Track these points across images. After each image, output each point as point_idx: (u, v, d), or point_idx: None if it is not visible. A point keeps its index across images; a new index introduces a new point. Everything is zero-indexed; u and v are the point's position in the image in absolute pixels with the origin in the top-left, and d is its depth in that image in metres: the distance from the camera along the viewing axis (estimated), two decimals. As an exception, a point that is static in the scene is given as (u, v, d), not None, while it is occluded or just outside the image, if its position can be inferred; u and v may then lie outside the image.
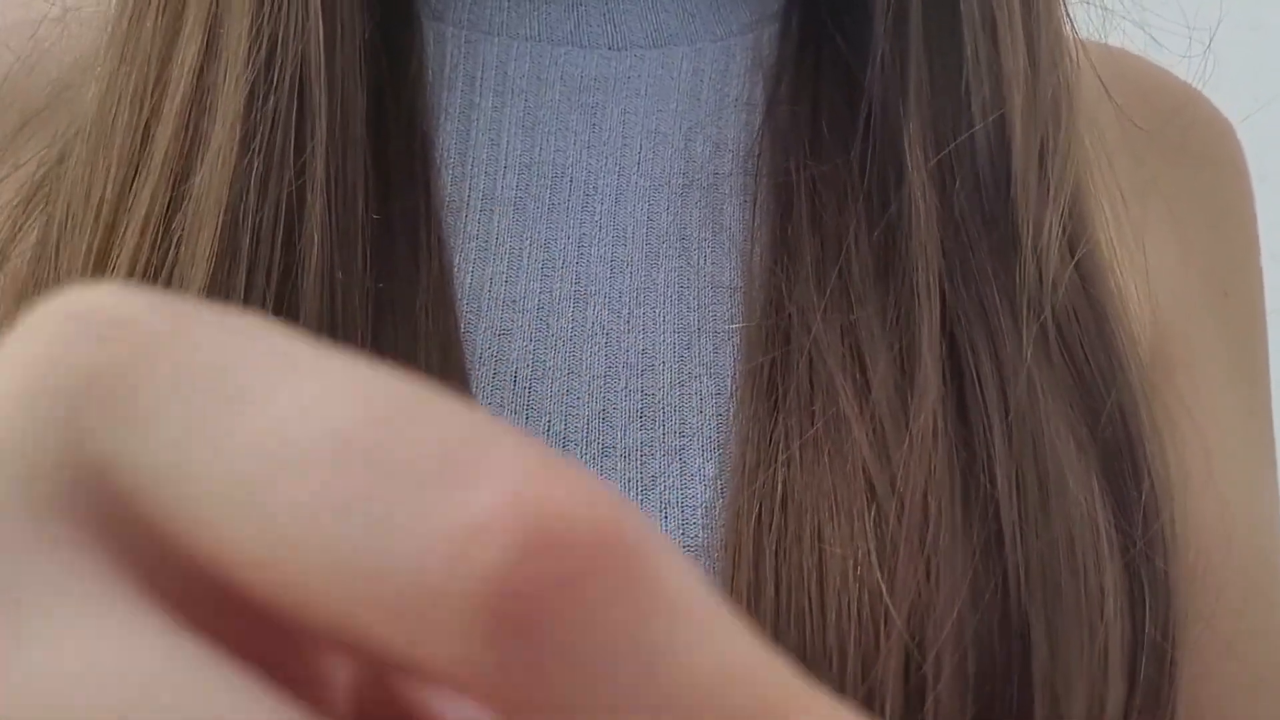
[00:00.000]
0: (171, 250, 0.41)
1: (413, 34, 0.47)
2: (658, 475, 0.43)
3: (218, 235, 0.40)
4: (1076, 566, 0.41)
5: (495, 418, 0.14)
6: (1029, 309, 0.44)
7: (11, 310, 0.44)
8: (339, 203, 0.41)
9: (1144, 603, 0.43)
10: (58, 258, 0.43)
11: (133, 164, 0.42)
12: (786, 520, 0.41)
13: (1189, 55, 0.49)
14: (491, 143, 0.46)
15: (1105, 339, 0.45)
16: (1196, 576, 0.47)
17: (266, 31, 0.41)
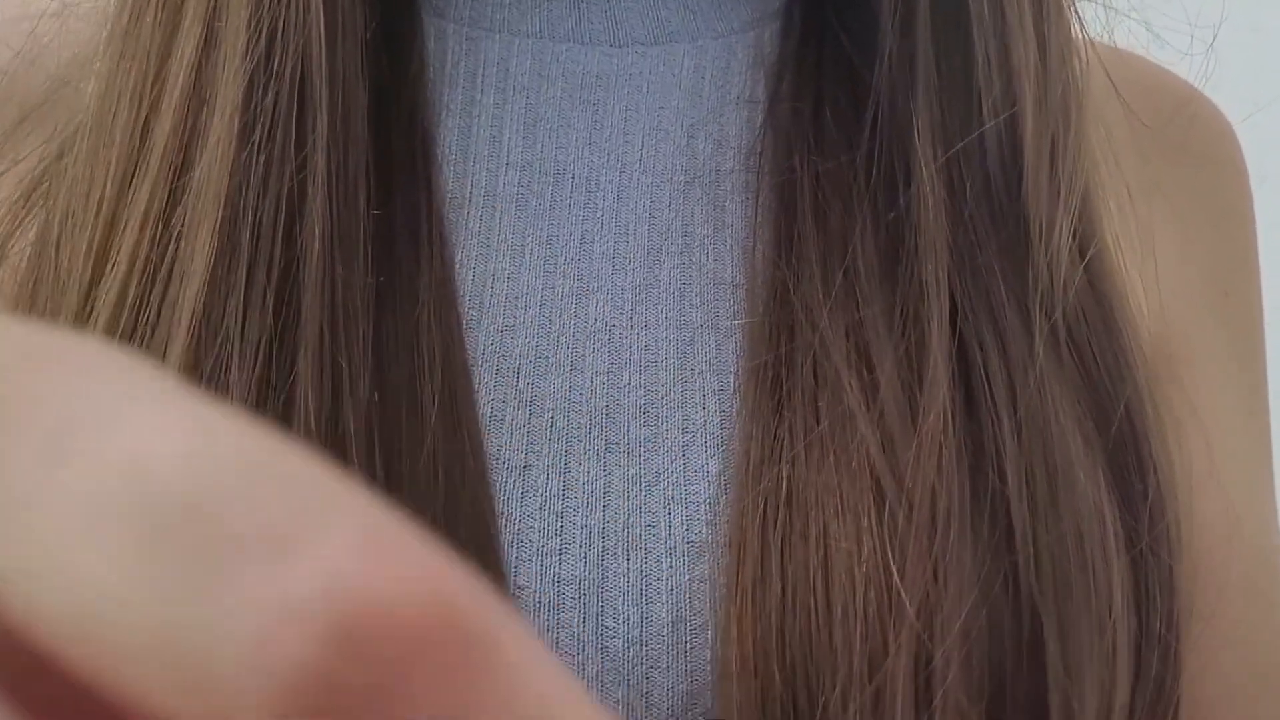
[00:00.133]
0: (171, 245, 0.40)
1: (414, 31, 0.47)
2: (661, 472, 0.43)
3: (217, 230, 0.40)
4: (1085, 562, 0.41)
5: (344, 481, 0.13)
6: (1040, 309, 0.43)
7: (10, 307, 0.43)
8: (340, 198, 0.41)
9: (1150, 597, 0.43)
10: (58, 254, 0.42)
11: (132, 159, 0.42)
12: (791, 517, 0.41)
13: (1190, 53, 0.49)
14: (493, 139, 0.46)
15: (1113, 337, 0.45)
16: (1199, 573, 0.47)
17: (266, 23, 0.40)
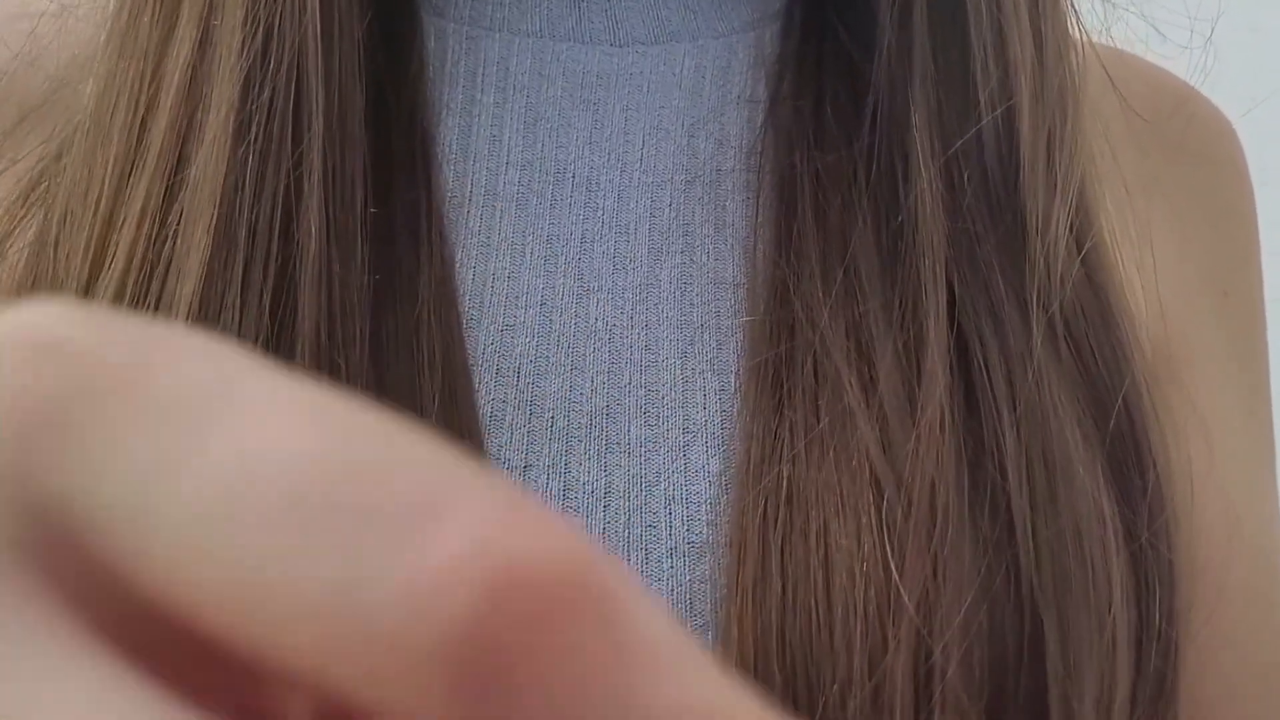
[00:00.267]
0: (168, 243, 0.40)
1: (414, 30, 0.47)
2: (661, 471, 0.43)
3: (213, 227, 0.40)
4: (1085, 556, 0.41)
5: (463, 456, 0.13)
6: (1038, 302, 0.43)
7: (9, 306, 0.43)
8: (337, 196, 0.41)
9: (1150, 592, 0.42)
10: (56, 253, 0.42)
11: (129, 158, 0.41)
12: (792, 516, 0.41)
13: (1190, 47, 0.49)
14: (493, 139, 0.46)
15: (1111, 332, 0.45)
16: (1199, 569, 0.47)
17: (261, 21, 0.40)
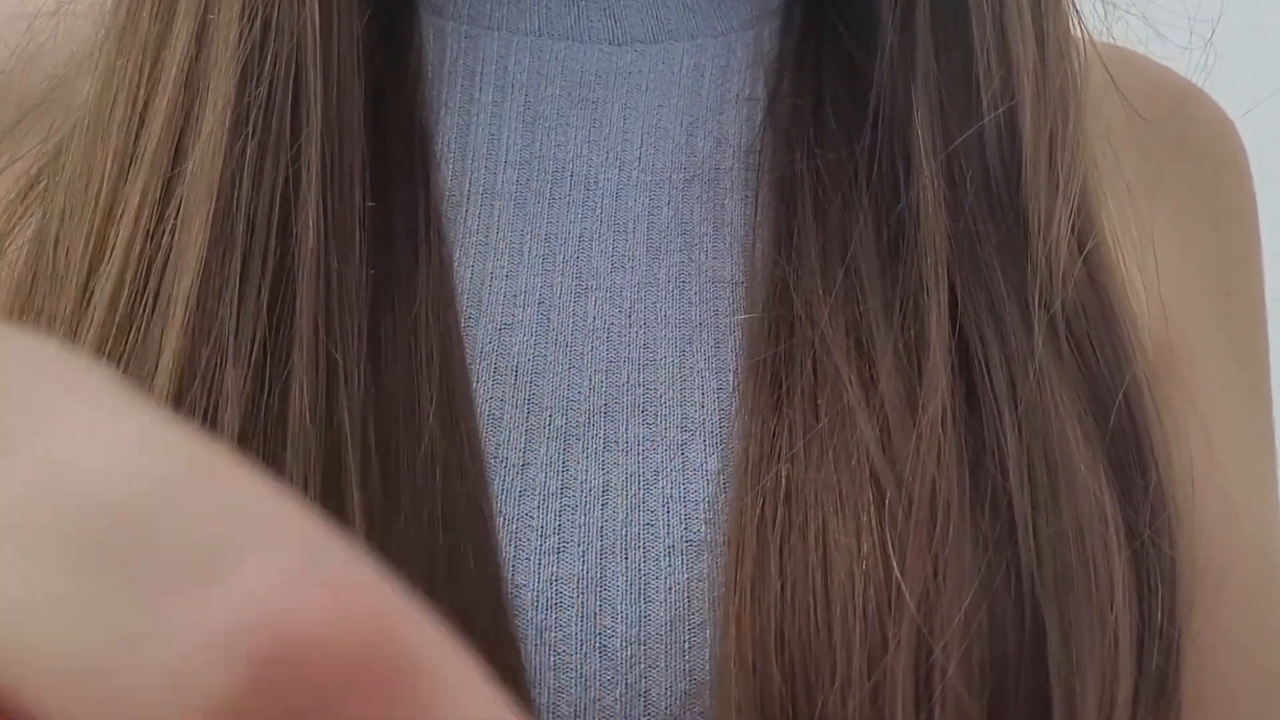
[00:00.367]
0: (165, 237, 0.40)
1: (412, 29, 0.47)
2: (660, 470, 0.43)
3: (210, 222, 0.40)
4: (1086, 555, 0.41)
5: (284, 499, 0.12)
6: (1039, 302, 0.43)
7: (8, 304, 0.43)
8: (335, 191, 0.41)
9: (1152, 590, 0.42)
10: (55, 249, 0.42)
11: (128, 153, 0.41)
12: (790, 515, 0.41)
13: (1190, 47, 0.49)
14: (491, 137, 0.46)
15: (1112, 332, 0.45)
16: (1199, 569, 0.47)
17: (259, 13, 0.40)
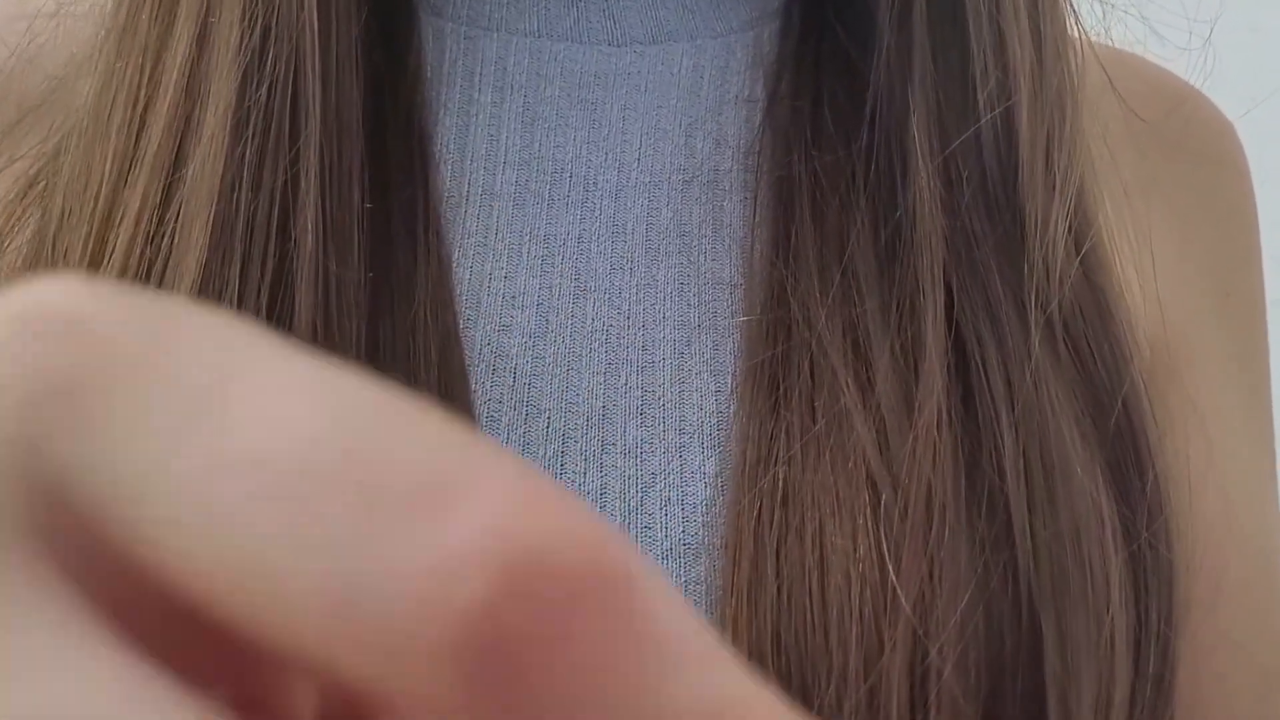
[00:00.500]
0: (165, 240, 0.40)
1: (411, 30, 0.47)
2: (657, 473, 0.43)
3: (210, 225, 0.40)
4: (1083, 557, 0.41)
5: (481, 437, 0.13)
6: (1036, 303, 0.43)
7: None
8: (333, 193, 0.41)
9: (1148, 592, 0.42)
10: (54, 250, 0.42)
11: (128, 155, 0.42)
12: (787, 518, 0.41)
13: (1189, 48, 0.49)
14: (490, 138, 0.46)
15: (1109, 332, 0.45)
16: (1196, 569, 0.47)
17: (260, 17, 0.40)
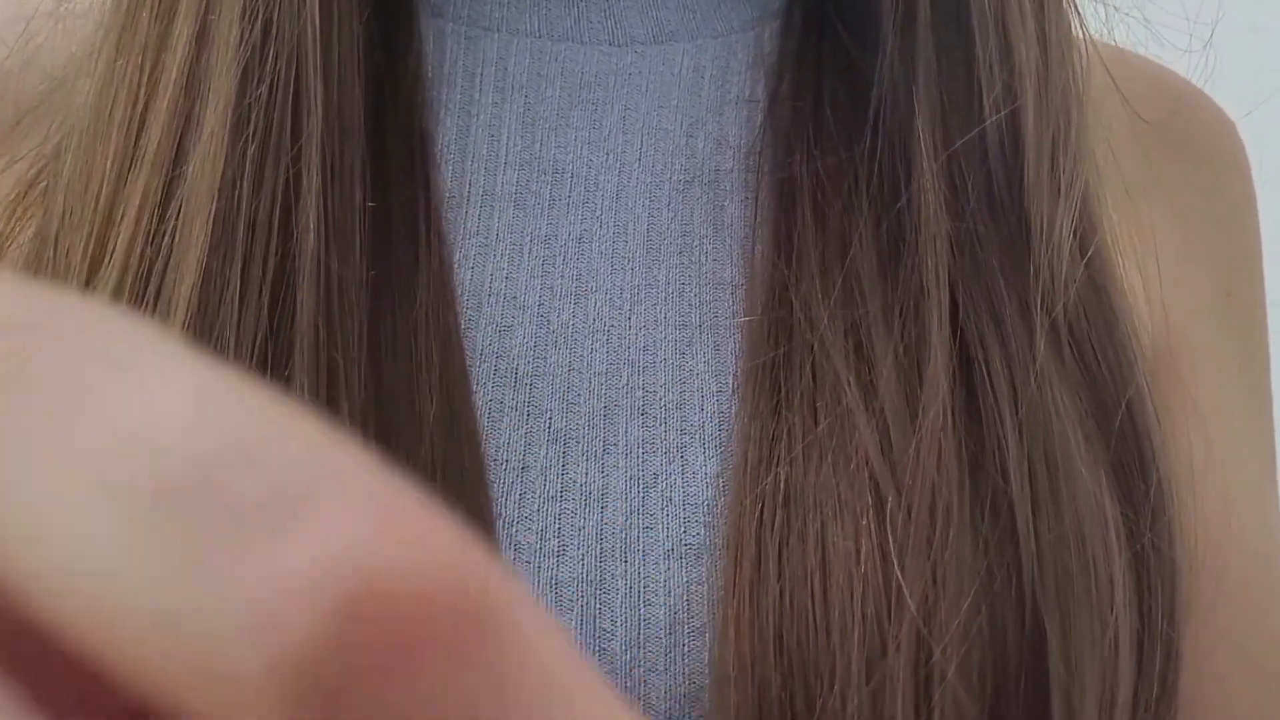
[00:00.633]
0: (166, 239, 0.40)
1: (412, 30, 0.47)
2: (659, 473, 0.43)
3: (211, 223, 0.40)
4: (1087, 558, 0.41)
5: (355, 446, 0.12)
6: (1040, 305, 0.43)
7: None
8: (335, 192, 0.41)
9: (1152, 593, 0.42)
10: (56, 250, 0.42)
11: (128, 154, 0.41)
12: (789, 519, 0.41)
13: (1190, 50, 0.49)
14: (491, 139, 0.46)
15: (1114, 335, 0.45)
16: (1196, 569, 0.47)
17: (260, 13, 0.40)
